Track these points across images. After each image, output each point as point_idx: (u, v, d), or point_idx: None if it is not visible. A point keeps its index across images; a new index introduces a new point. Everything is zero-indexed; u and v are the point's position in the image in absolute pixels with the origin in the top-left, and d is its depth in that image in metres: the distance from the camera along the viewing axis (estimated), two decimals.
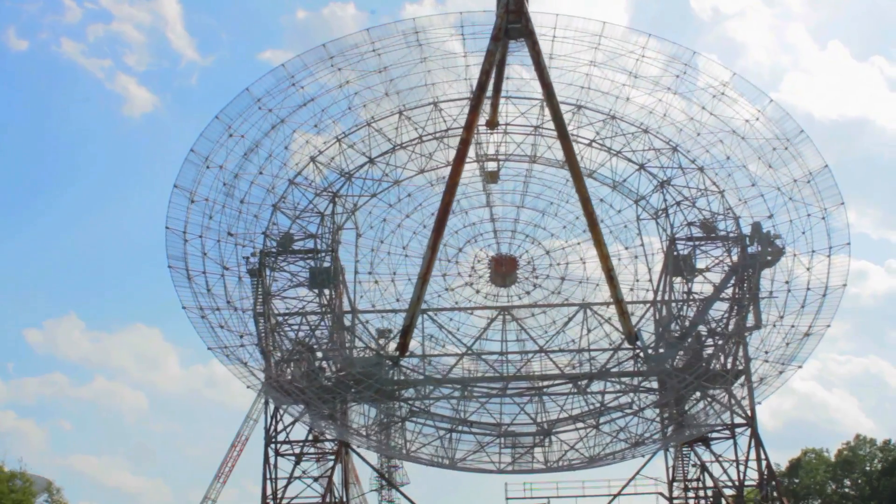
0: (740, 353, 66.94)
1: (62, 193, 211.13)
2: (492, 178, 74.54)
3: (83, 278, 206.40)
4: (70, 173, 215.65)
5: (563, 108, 72.28)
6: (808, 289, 64.30)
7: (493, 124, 73.89)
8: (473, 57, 75.45)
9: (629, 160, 73.20)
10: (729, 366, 67.62)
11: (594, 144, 74.19)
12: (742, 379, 65.95)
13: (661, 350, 69.49)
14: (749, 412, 67.37)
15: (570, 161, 58.19)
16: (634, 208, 73.92)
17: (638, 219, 73.17)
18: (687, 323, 67.98)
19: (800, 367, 62.26)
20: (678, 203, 71.13)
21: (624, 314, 62.63)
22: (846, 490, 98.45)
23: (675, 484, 71.13)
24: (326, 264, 70.39)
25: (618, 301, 61.88)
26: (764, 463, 67.76)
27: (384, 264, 73.77)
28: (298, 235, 71.06)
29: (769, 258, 67.33)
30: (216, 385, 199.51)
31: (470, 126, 59.88)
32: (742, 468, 68.97)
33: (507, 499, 68.22)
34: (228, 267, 67.75)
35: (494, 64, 58.82)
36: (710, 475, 68.42)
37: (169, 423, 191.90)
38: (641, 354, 67.58)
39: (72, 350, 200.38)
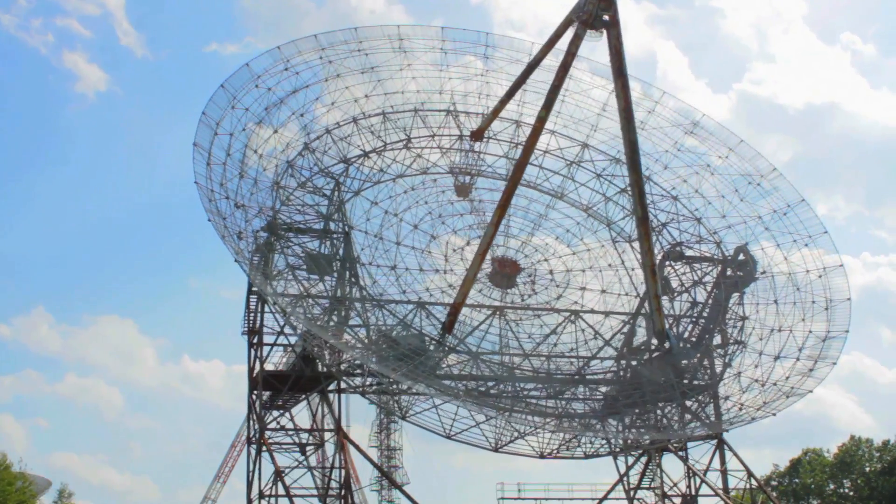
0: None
1: (20, 181, 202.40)
2: (462, 191, 75.06)
3: (50, 271, 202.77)
4: (27, 159, 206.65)
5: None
6: (813, 302, 69.25)
7: (479, 135, 75.23)
8: (454, 70, 79.12)
9: (610, 183, 76.03)
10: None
11: (572, 166, 76.65)
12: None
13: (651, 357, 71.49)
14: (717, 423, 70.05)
15: (632, 147, 62.03)
16: (608, 231, 76.04)
17: (613, 241, 75.66)
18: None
19: (834, 363, 66.55)
20: (663, 225, 74.49)
21: (659, 310, 65.30)
22: (845, 490, 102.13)
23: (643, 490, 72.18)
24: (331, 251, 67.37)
25: (655, 296, 64.46)
26: (744, 472, 70.44)
27: (386, 256, 71.29)
28: (299, 218, 67.94)
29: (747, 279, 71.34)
30: (194, 381, 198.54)
31: (549, 105, 61.77)
32: (698, 479, 71.31)
33: (500, 499, 68.59)
34: (243, 237, 63.91)
35: (579, 48, 60.65)
36: (706, 482, 70.52)
37: (147, 420, 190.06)
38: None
39: (43, 346, 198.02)
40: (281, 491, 64.99)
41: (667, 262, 75.45)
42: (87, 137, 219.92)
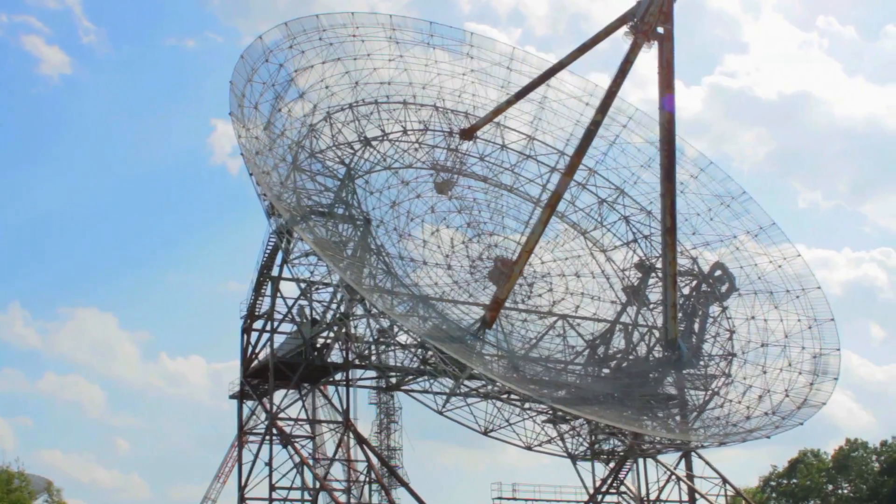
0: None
1: None
2: (442, 189, 74.65)
3: (23, 265, 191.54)
4: None
5: (515, 135, 77.67)
6: (798, 320, 72.91)
7: (470, 134, 75.29)
8: (441, 66, 79.06)
9: (584, 187, 78.55)
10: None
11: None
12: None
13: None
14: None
15: (669, 158, 65.04)
16: (583, 240, 77.46)
17: (591, 251, 77.15)
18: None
19: (836, 379, 69.80)
20: (636, 240, 76.76)
21: (674, 319, 67.25)
22: (844, 491, 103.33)
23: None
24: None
25: (673, 306, 66.44)
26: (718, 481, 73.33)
27: (395, 247, 70.12)
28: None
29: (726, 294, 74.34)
30: (175, 377, 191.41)
31: (604, 109, 63.18)
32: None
33: (496, 499, 69.07)
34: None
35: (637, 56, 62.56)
36: (697, 491, 72.91)
37: (131, 417, 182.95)
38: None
39: (22, 343, 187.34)
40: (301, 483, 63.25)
41: (651, 275, 76.79)
42: (56, 125, 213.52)
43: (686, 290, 77.06)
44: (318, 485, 63.98)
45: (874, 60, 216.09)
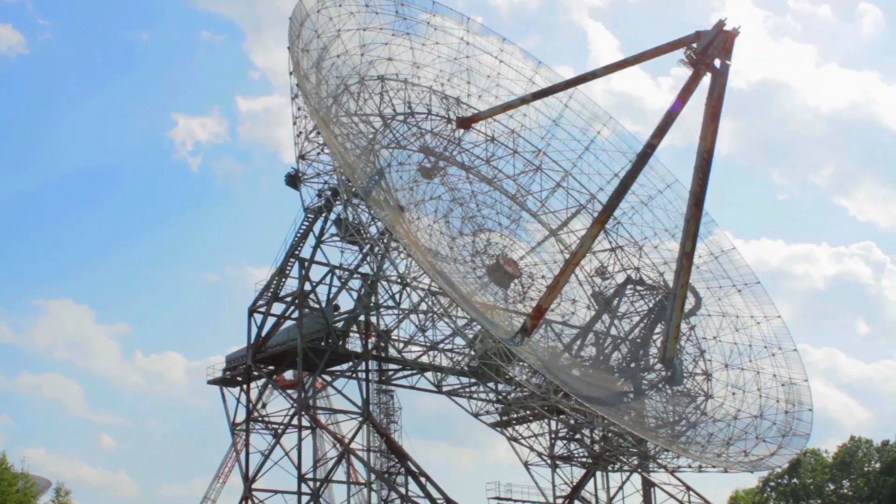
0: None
1: None
2: (427, 174, 72.99)
3: None
4: None
5: (499, 129, 76.98)
6: (765, 346, 75.39)
7: (467, 124, 74.02)
8: (442, 48, 78.07)
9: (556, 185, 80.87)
10: None
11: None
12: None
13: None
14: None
15: (701, 187, 64.93)
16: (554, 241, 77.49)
17: (562, 253, 77.39)
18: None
19: (810, 409, 72.32)
20: (613, 250, 77.43)
21: (675, 339, 68.43)
22: (845, 491, 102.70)
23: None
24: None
25: (676, 326, 67.80)
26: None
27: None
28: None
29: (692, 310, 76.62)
30: (155, 373, 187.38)
31: (661, 133, 63.74)
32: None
33: (492, 499, 69.76)
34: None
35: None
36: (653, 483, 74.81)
37: (113, 414, 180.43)
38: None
39: None
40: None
41: (627, 287, 77.26)
42: (25, 116, 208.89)
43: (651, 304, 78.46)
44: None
45: (851, 43, 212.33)
